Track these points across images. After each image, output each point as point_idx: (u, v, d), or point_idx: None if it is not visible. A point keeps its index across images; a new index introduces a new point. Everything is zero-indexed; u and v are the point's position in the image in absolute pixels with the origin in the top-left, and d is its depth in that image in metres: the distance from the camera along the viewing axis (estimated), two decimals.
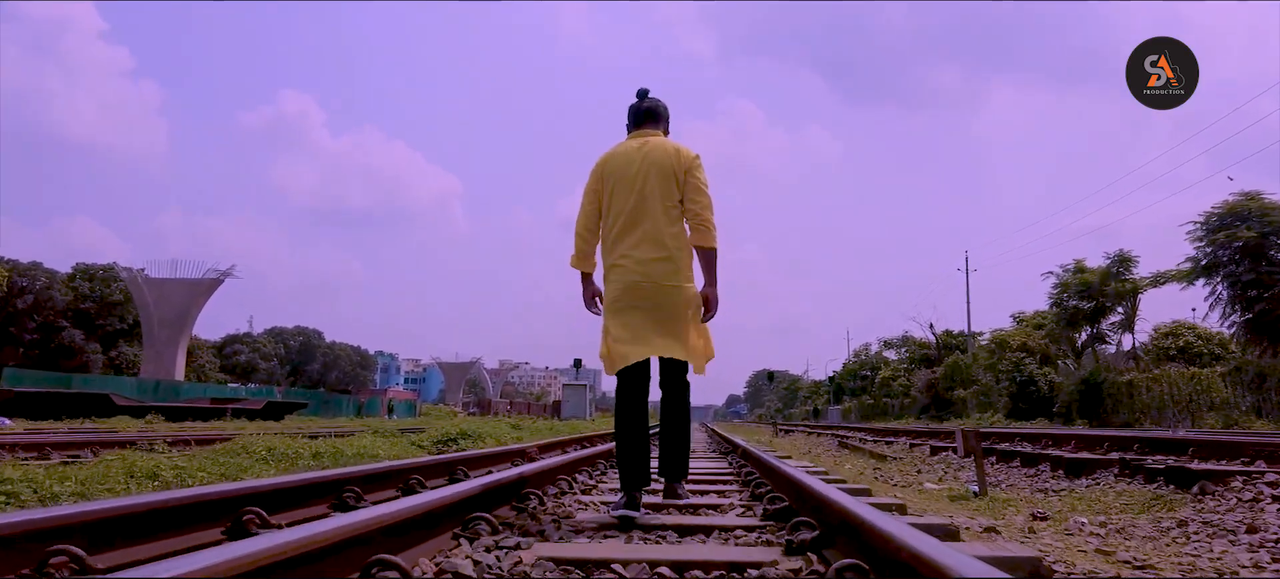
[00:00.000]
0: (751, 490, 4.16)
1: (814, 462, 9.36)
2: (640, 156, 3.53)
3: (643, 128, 3.76)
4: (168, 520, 2.24)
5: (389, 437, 11.20)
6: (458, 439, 11.47)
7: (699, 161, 3.56)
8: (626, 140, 3.73)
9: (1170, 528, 3.99)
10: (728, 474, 5.73)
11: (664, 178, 3.49)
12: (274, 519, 2.49)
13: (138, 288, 49.05)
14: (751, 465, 5.44)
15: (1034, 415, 27.52)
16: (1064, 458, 6.69)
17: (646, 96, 3.85)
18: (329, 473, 3.20)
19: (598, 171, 3.64)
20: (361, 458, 8.32)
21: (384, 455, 8.92)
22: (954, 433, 5.96)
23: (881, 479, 7.42)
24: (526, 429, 16.49)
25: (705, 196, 3.52)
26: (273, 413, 31.46)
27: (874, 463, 9.79)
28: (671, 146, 3.58)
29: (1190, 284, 22.99)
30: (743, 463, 6.33)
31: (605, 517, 3.29)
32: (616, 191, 3.53)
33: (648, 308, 3.43)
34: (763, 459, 4.92)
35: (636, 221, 3.47)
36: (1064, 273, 29.72)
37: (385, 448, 9.73)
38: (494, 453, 5.81)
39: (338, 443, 9.47)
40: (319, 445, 8.61)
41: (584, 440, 11.25)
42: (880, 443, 12.62)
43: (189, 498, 2.33)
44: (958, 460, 8.76)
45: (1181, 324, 25.86)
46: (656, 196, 3.47)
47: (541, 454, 7.16)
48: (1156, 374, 21.03)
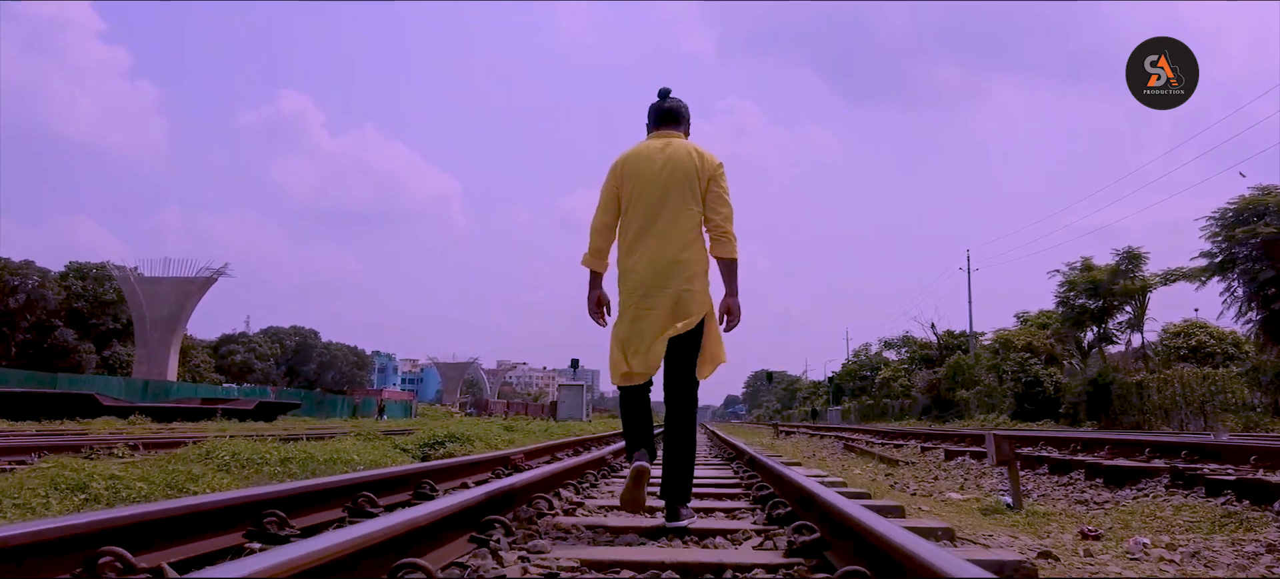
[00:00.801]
0: (767, 511, 3.54)
1: (822, 467, 8.78)
2: (662, 159, 3.45)
3: (663, 128, 3.65)
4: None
5: (371, 440, 10.59)
6: (444, 442, 10.86)
7: (722, 170, 3.49)
8: (647, 140, 3.63)
9: (1258, 553, 3.38)
10: (734, 485, 5.13)
11: (686, 182, 3.41)
12: (140, 560, 1.88)
13: (130, 286, 48.45)
14: (764, 478, 4.82)
15: (1040, 417, 26.94)
16: (1102, 466, 6.08)
17: (668, 96, 3.72)
18: (247, 494, 2.58)
19: (617, 170, 3.54)
20: (335, 465, 7.72)
21: (360, 460, 8.32)
22: (971, 436, 5.35)
23: (897, 488, 6.82)
24: (520, 431, 15.86)
25: (728, 207, 3.45)
26: (265, 414, 30.89)
27: (885, 468, 9.19)
28: (695, 151, 3.49)
29: (1203, 283, 22.30)
30: (749, 472, 5.73)
31: (586, 546, 2.70)
32: (636, 193, 3.44)
33: (662, 314, 3.33)
34: (782, 474, 4.30)
35: (655, 225, 3.39)
36: (1071, 271, 29.08)
37: (364, 452, 9.13)
38: (473, 461, 5.20)
39: (312, 446, 8.87)
40: (290, 450, 8.01)
41: (578, 445, 10.65)
42: (888, 446, 12.01)
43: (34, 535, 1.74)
44: (978, 466, 8.17)
45: (1193, 323, 25.16)
46: (677, 201, 3.39)
47: (529, 461, 6.54)
48: (1168, 374, 20.41)
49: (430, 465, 4.54)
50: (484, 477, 4.89)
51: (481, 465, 5.22)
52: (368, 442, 10.40)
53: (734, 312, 3.44)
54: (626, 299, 3.42)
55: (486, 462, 5.40)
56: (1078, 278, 28.59)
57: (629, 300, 3.40)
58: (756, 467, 5.45)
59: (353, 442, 10.51)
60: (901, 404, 48.33)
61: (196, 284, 49.48)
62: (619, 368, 3.42)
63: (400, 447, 10.14)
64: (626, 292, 3.43)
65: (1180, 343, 24.15)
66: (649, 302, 3.34)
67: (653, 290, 3.34)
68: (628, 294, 3.42)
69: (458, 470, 4.78)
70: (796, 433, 26.20)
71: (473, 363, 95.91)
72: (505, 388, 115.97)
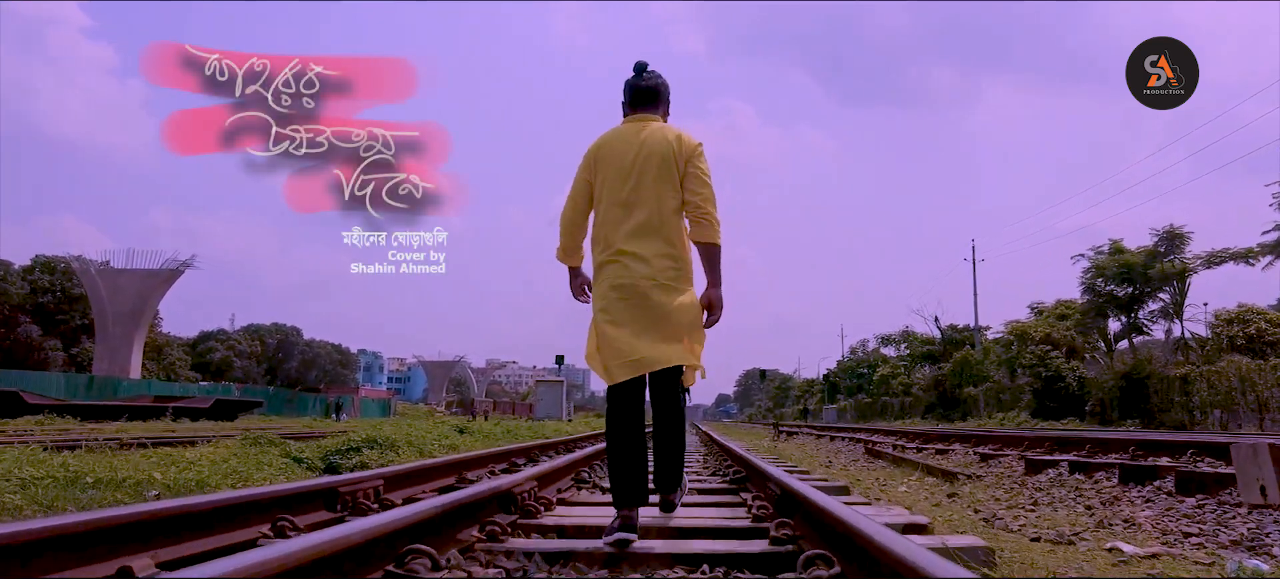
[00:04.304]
0: None
1: (855, 482, 6.42)
2: (638, 143, 3.17)
3: (640, 110, 3.33)
4: None
5: (266, 447, 8.09)
6: (361, 449, 8.38)
7: (701, 150, 3.21)
8: (622, 124, 3.34)
9: None
10: (741, 523, 2.74)
11: (663, 167, 3.13)
12: None
13: (90, 278, 46.04)
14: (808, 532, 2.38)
15: (1063, 415, 24.63)
16: None
17: (645, 72, 3.37)
18: None
19: (590, 158, 3.26)
20: (177, 489, 5.29)
21: (214, 481, 5.87)
22: (1052, 440, 2.91)
23: (994, 523, 4.41)
24: (479, 433, 13.38)
25: (707, 188, 3.16)
26: (222, 412, 28.54)
27: (944, 487, 6.76)
28: (672, 133, 3.20)
29: (1272, 262, 19.57)
30: (767, 507, 3.29)
31: None
32: (610, 181, 3.17)
33: (641, 312, 3.03)
34: (870, 537, 1.87)
35: (631, 215, 3.11)
36: (1098, 255, 26.61)
37: (229, 465, 6.66)
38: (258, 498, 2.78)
39: (158, 459, 6.42)
40: (89, 464, 5.55)
41: (536, 450, 8.19)
42: (928, 451, 9.57)
43: None
44: (1090, 484, 5.72)
45: (1249, 308, 22.61)
46: (654, 188, 3.12)
47: (406, 487, 4.08)
48: (1221, 367, 18.02)
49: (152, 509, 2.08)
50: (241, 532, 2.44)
51: (296, 500, 2.79)
52: (259, 449, 7.93)
53: (716, 305, 3.19)
54: (603, 299, 3.10)
55: (315, 492, 2.96)
56: (1106, 262, 26.09)
57: (604, 302, 3.09)
58: (791, 504, 3.01)
59: (239, 447, 8.05)
60: (902, 402, 46.26)
61: (161, 277, 47.12)
62: (596, 363, 3.12)
63: (295, 457, 7.67)
64: (602, 290, 3.12)
65: (1235, 331, 21.70)
66: (626, 300, 3.03)
67: (633, 287, 3.02)
68: (604, 293, 3.11)
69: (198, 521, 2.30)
70: (799, 433, 23.84)
71: (459, 362, 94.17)
72: (493, 387, 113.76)
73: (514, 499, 2.97)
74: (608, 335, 3.05)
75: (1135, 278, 25.16)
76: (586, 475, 4.92)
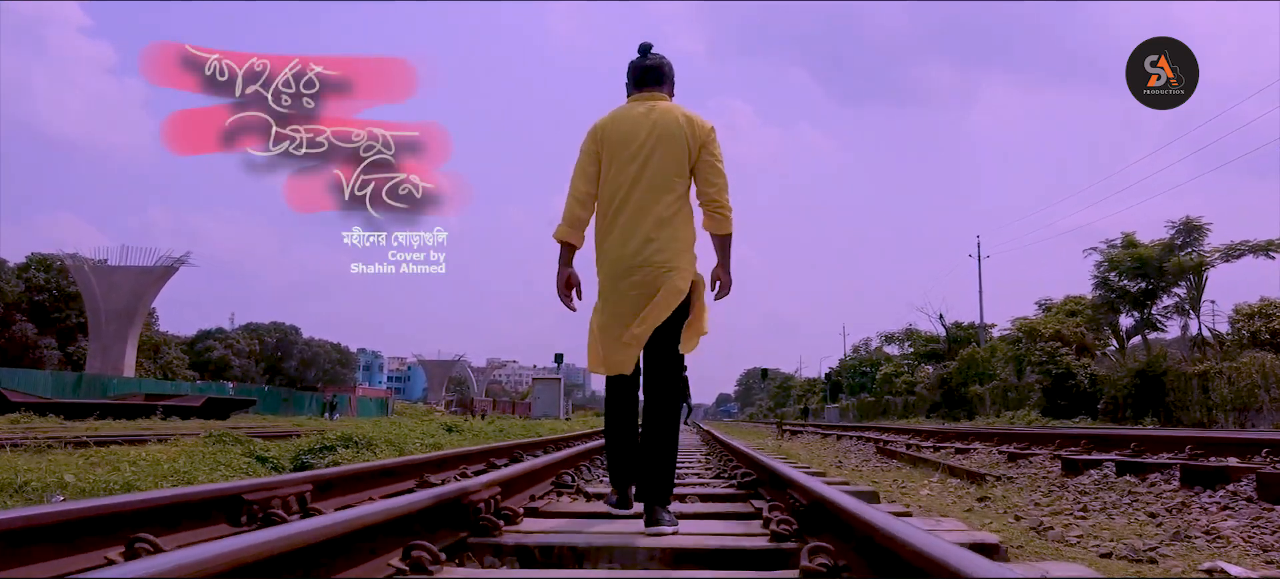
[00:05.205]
0: None
1: (873, 485, 5.81)
2: (647, 124, 3.07)
3: (646, 89, 3.22)
4: None
5: (229, 445, 7.43)
6: (335, 448, 7.74)
7: (714, 134, 3.10)
8: (629, 104, 3.23)
9: None
10: (757, 544, 2.11)
11: (674, 149, 3.04)
12: None
13: (83, 275, 45.47)
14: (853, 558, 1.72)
15: (1074, 413, 23.94)
16: None
17: (650, 52, 3.31)
18: None
19: (596, 136, 3.15)
20: (91, 493, 4.65)
21: (144, 484, 5.22)
22: (1088, 438, 2.34)
23: (1039, 533, 3.77)
24: (468, 432, 12.71)
25: (722, 177, 3.11)
26: (214, 411, 27.90)
27: (973, 490, 6.11)
28: (683, 114, 3.11)
29: (1271, 254, 18.99)
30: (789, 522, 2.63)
31: None
32: (617, 162, 3.07)
33: (643, 297, 2.96)
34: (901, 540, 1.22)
35: (638, 197, 3.01)
36: (1110, 249, 25.89)
37: (184, 466, 6.01)
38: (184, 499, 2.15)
39: (96, 458, 5.79)
40: (30, 467, 4.91)
41: (521, 449, 7.54)
42: (947, 450, 8.90)
43: None
44: (1144, 489, 5.06)
45: (1270, 303, 21.86)
46: (664, 171, 3.03)
47: (346, 492, 3.44)
48: (1243, 363, 17.33)
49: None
50: None
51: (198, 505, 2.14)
52: (223, 448, 7.28)
53: (726, 282, 3.15)
54: (605, 282, 3.09)
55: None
56: (1119, 256, 25.36)
57: (607, 283, 3.06)
58: (821, 516, 2.36)
59: (205, 446, 7.40)
60: (905, 401, 45.57)
61: (156, 274, 46.50)
62: (596, 356, 3.10)
63: (260, 456, 7.02)
64: (604, 274, 3.09)
65: (1259, 325, 20.97)
66: (629, 283, 2.97)
67: (633, 271, 2.96)
68: (606, 276, 3.08)
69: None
70: (804, 433, 23.19)
71: (458, 361, 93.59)
72: (493, 386, 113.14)
73: (465, 511, 2.32)
74: (608, 327, 3.03)
75: (1150, 272, 24.44)
76: (569, 479, 4.23)
